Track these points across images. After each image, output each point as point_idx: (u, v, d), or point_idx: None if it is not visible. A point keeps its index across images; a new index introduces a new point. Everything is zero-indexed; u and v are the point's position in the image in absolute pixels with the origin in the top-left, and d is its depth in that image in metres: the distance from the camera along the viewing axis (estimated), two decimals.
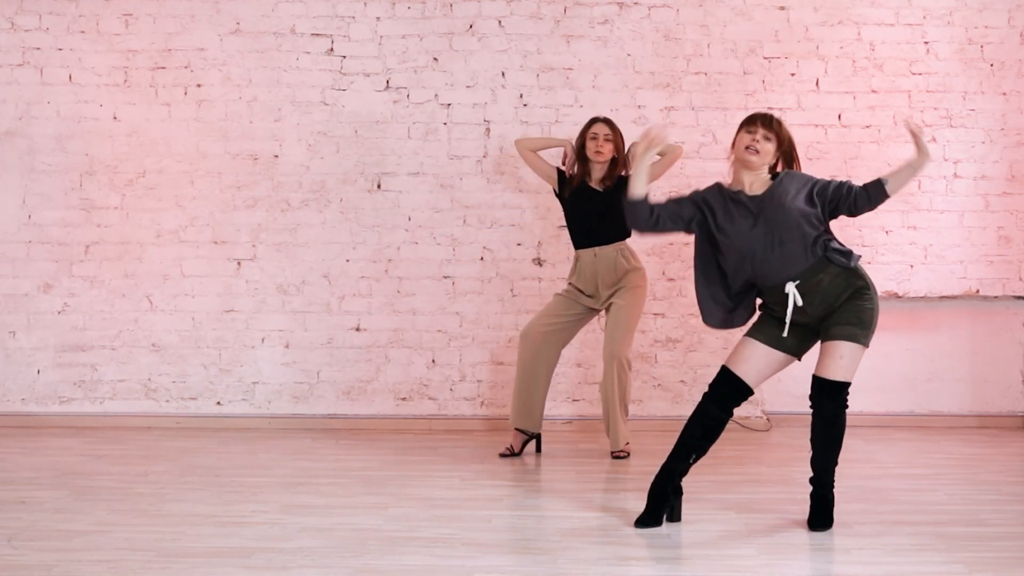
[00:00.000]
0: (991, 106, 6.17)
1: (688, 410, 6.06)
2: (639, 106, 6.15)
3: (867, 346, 4.07)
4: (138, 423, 6.17)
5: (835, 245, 4.06)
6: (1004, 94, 6.17)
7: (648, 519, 4.11)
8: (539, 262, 6.15)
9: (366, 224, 6.19)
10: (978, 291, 6.19)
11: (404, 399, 6.21)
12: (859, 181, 4.20)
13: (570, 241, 6.18)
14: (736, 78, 6.15)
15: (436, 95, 6.18)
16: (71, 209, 6.19)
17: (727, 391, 4.13)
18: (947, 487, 4.77)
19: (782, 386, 6.23)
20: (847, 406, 4.14)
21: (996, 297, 6.22)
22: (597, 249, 5.41)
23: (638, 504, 4.28)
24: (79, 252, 6.20)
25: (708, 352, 6.14)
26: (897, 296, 6.19)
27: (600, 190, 5.43)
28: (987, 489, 4.75)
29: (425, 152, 6.18)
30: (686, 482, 4.32)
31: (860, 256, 4.15)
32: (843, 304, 4.03)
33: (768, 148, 4.12)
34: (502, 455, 5.42)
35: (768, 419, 6.16)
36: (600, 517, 4.27)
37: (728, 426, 4.25)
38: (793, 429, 6.09)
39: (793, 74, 6.16)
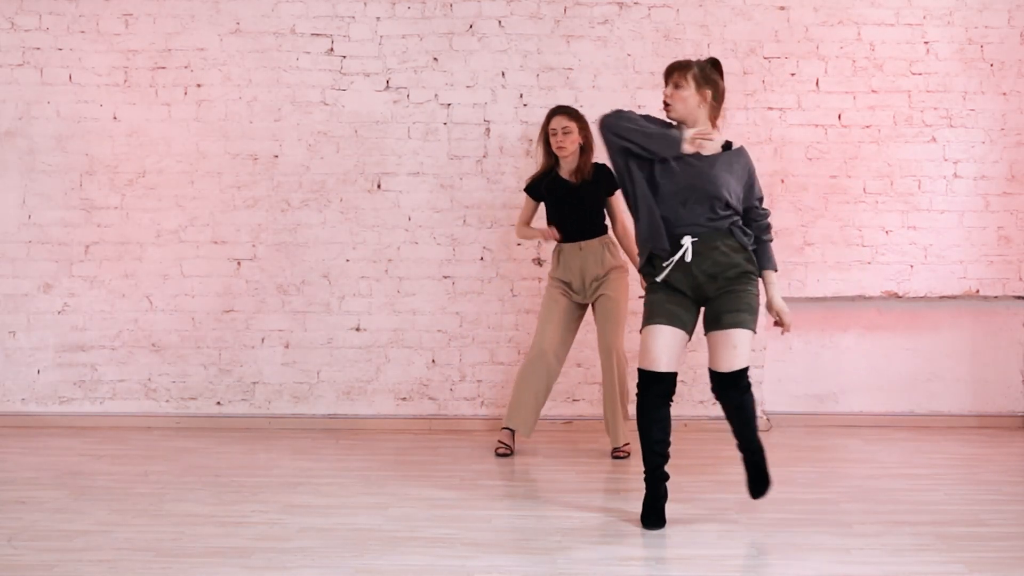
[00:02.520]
0: (991, 106, 6.17)
1: (689, 410, 6.11)
2: (639, 106, 6.15)
3: (755, 332, 4.10)
4: (138, 423, 6.17)
5: (741, 226, 4.12)
6: (1004, 94, 6.17)
7: (652, 519, 4.11)
8: (539, 262, 6.15)
9: (366, 224, 6.19)
10: (978, 291, 6.19)
11: (404, 399, 6.21)
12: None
13: None
14: (736, 78, 6.15)
15: (436, 95, 6.18)
16: (71, 209, 6.19)
17: (659, 390, 4.09)
18: (947, 487, 4.77)
19: (782, 386, 6.24)
20: (751, 386, 4.10)
21: (996, 297, 6.22)
22: (583, 243, 5.40)
23: (638, 504, 4.28)
24: (79, 252, 6.20)
25: (707, 352, 6.12)
26: (897, 296, 6.19)
27: (575, 182, 5.41)
28: (987, 489, 4.75)
29: (425, 152, 6.18)
30: (686, 483, 4.31)
31: (755, 249, 4.19)
32: (729, 286, 4.05)
33: (683, 95, 4.09)
34: (502, 454, 5.42)
35: (768, 419, 6.16)
36: (600, 517, 4.27)
37: (728, 426, 4.25)
38: (793, 429, 6.10)
39: (793, 74, 6.16)
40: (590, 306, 5.48)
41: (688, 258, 4.03)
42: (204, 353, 6.21)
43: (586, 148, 5.41)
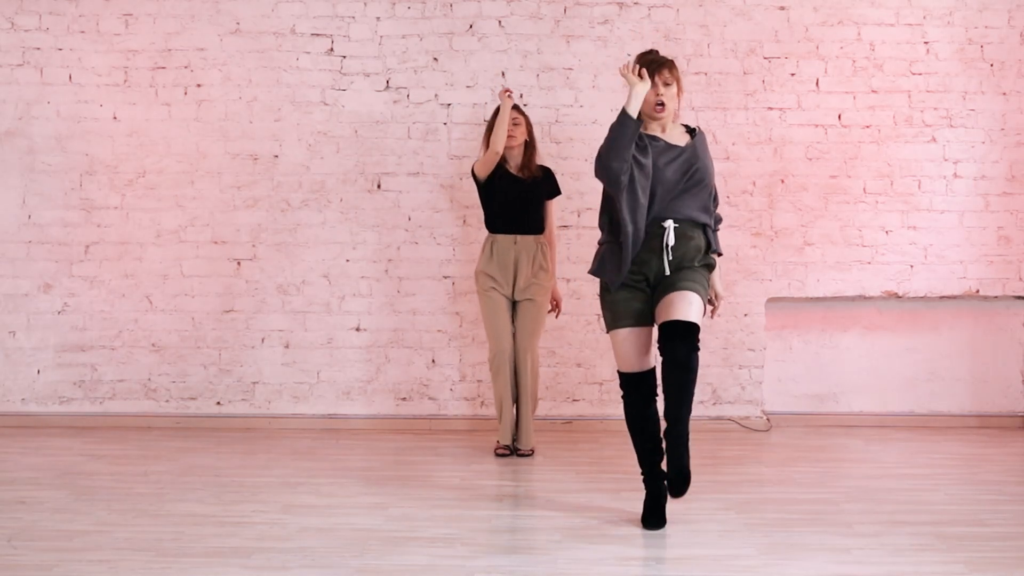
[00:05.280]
0: (991, 106, 6.16)
1: None
2: None
3: (705, 309, 4.14)
4: (138, 423, 6.16)
5: (713, 226, 4.22)
6: (1004, 94, 6.17)
7: (653, 519, 4.11)
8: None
9: (366, 224, 6.19)
10: (978, 291, 6.19)
11: (404, 399, 6.21)
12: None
13: (568, 240, 6.20)
14: (736, 78, 6.15)
15: (436, 95, 6.18)
16: (71, 209, 6.19)
17: (645, 389, 4.15)
18: (947, 487, 4.77)
19: (782, 386, 6.23)
20: (699, 348, 4.01)
21: (996, 297, 6.22)
22: (518, 237, 5.45)
23: (638, 504, 4.28)
24: (79, 252, 6.20)
25: (707, 352, 6.12)
26: (897, 296, 6.19)
27: (522, 177, 5.48)
28: (987, 489, 4.75)
29: (425, 152, 6.18)
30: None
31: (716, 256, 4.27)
32: (689, 265, 4.10)
33: (673, 92, 4.17)
34: (501, 454, 5.43)
35: (768, 419, 6.16)
36: (600, 517, 4.27)
37: (728, 426, 4.26)
38: (793, 429, 6.10)
39: (793, 74, 6.16)
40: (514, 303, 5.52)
41: (671, 241, 4.07)
42: (204, 353, 6.21)
43: (531, 145, 5.53)
